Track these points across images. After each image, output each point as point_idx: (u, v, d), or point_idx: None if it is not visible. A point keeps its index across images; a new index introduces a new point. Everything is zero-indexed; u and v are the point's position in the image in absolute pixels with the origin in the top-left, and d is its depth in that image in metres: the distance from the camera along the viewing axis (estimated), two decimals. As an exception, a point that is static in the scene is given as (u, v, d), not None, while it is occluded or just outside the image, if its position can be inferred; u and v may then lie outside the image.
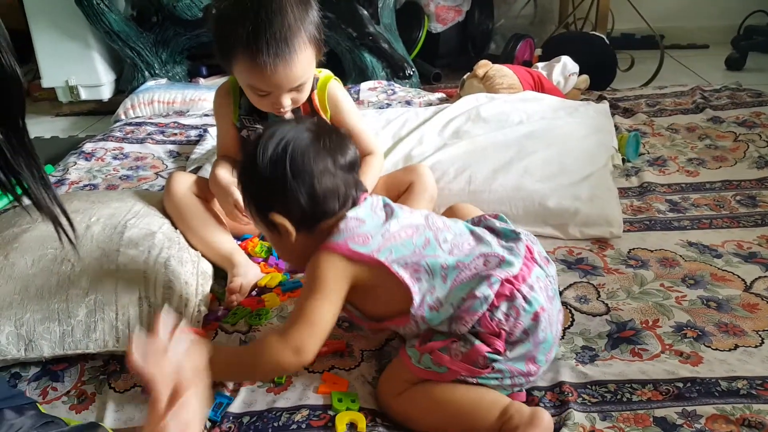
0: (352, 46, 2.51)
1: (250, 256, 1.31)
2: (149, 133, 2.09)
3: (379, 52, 2.50)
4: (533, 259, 0.96)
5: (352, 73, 2.54)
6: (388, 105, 2.14)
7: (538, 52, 2.57)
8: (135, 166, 1.87)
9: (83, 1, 2.48)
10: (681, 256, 1.26)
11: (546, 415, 0.85)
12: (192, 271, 1.20)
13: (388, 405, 0.94)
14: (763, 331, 1.04)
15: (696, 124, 1.86)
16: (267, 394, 0.98)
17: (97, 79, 2.72)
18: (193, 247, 1.28)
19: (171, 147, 1.98)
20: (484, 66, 2.05)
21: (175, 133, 2.09)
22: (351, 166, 0.95)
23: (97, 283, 1.10)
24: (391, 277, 0.90)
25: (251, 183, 0.95)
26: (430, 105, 2.09)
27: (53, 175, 1.82)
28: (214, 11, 1.16)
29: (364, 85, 2.35)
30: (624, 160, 1.66)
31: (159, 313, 0.84)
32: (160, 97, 2.35)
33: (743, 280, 1.18)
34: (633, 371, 0.97)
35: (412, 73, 2.53)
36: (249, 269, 1.24)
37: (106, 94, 2.77)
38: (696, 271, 1.21)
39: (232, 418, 0.94)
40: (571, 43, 2.47)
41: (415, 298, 0.90)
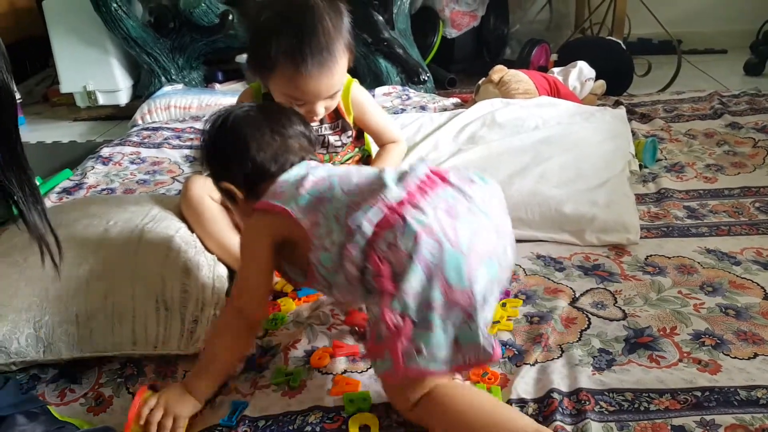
0: (367, 52, 2.52)
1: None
2: (166, 138, 2.11)
3: (394, 57, 2.51)
4: (446, 181, 0.89)
5: (366, 78, 2.55)
6: (403, 110, 2.15)
7: (554, 57, 2.57)
8: (152, 170, 1.89)
9: (102, 8, 2.51)
10: (699, 263, 1.25)
11: None
12: (208, 275, 1.21)
13: (409, 419, 0.91)
14: (783, 339, 1.03)
15: (714, 130, 1.84)
16: (281, 397, 0.98)
17: (114, 84, 2.75)
18: (209, 250, 1.28)
19: (187, 152, 2.00)
20: (499, 71, 2.05)
21: (191, 138, 2.10)
22: (293, 135, 1.02)
23: (114, 287, 1.11)
24: (298, 226, 0.91)
25: (204, 157, 1.08)
26: (445, 110, 2.09)
27: (71, 179, 1.84)
28: (252, 24, 1.17)
29: (379, 90, 2.35)
30: (641, 166, 1.65)
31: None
32: (176, 102, 2.37)
33: (762, 288, 1.16)
34: (650, 379, 0.96)
35: (426, 78, 2.54)
36: None
37: (123, 99, 2.79)
38: (714, 279, 1.20)
39: (247, 422, 0.94)
40: (588, 48, 2.47)
41: (314, 242, 0.89)
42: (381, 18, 2.47)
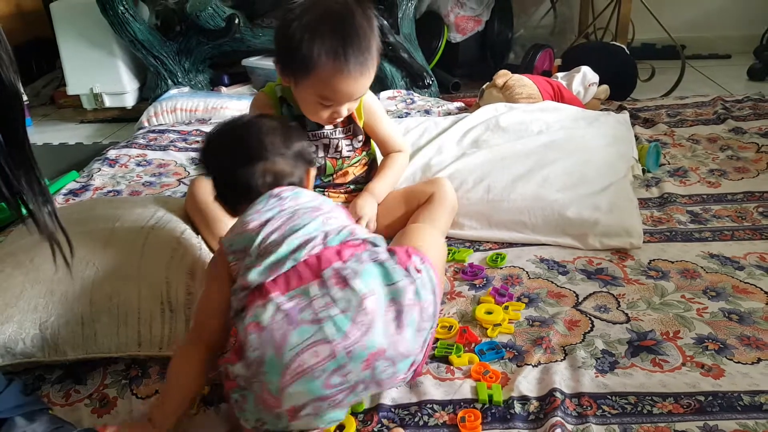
0: (372, 56, 2.52)
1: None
2: (172, 141, 2.12)
3: (399, 61, 2.51)
4: (316, 275, 0.85)
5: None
6: (407, 114, 2.15)
7: (558, 62, 2.57)
8: (158, 172, 1.90)
9: (109, 11, 2.52)
10: (702, 268, 1.25)
11: None
12: (213, 277, 1.21)
13: None
14: (786, 344, 1.03)
15: (717, 135, 1.84)
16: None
17: (121, 86, 2.76)
18: (214, 251, 1.29)
19: (193, 154, 2.01)
20: (503, 76, 2.05)
21: (197, 141, 2.11)
22: (284, 155, 1.05)
23: (120, 288, 1.11)
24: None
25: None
26: (449, 114, 2.10)
27: (78, 181, 1.85)
28: (286, 26, 1.17)
29: (383, 94, 2.36)
30: (644, 171, 1.65)
31: None
32: (182, 105, 2.38)
33: (766, 293, 1.17)
34: (653, 383, 0.97)
35: (431, 82, 2.54)
36: None
37: (129, 101, 2.81)
38: (717, 283, 1.20)
39: None
40: (592, 52, 2.47)
41: (236, 279, 0.92)
42: (386, 22, 2.48)
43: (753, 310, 1.12)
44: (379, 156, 1.47)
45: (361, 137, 1.37)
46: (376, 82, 2.53)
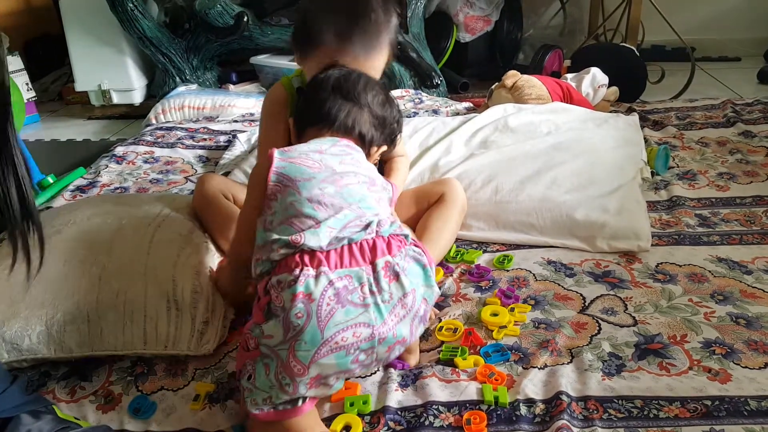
0: (380, 55, 2.52)
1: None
2: (179, 138, 2.12)
3: (407, 60, 2.51)
4: (370, 262, 0.89)
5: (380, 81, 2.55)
6: (416, 114, 2.15)
7: (567, 62, 2.56)
8: (165, 170, 1.90)
9: (117, 7, 2.53)
10: (710, 272, 1.24)
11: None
12: (219, 275, 1.21)
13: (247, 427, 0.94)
14: (795, 350, 1.03)
15: (727, 138, 1.84)
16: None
17: (129, 83, 2.77)
18: (221, 249, 1.29)
19: (200, 152, 2.01)
20: (512, 76, 2.05)
21: (205, 138, 2.12)
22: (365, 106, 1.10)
23: (126, 286, 1.12)
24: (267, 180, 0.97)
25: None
26: (458, 114, 2.09)
27: (85, 178, 1.85)
28: (304, 4, 1.24)
29: (392, 94, 2.36)
30: (653, 173, 1.64)
31: None
32: (190, 102, 2.38)
33: (774, 298, 1.16)
34: (660, 387, 0.96)
35: (439, 82, 2.54)
36: None
37: (137, 98, 2.81)
38: (725, 287, 1.20)
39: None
40: (601, 54, 2.46)
41: (264, 209, 0.96)
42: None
43: (761, 315, 1.11)
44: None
45: None
46: (384, 81, 2.55)
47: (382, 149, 1.16)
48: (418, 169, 1.57)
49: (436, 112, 2.17)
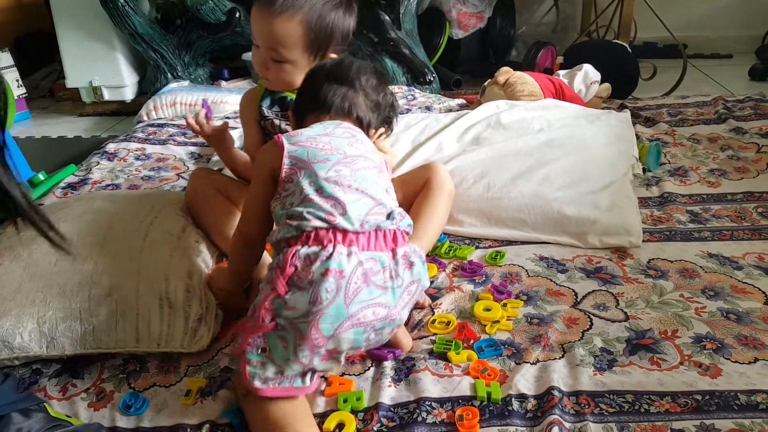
0: (373, 51, 2.52)
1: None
2: (171, 135, 2.12)
3: (400, 57, 2.51)
4: (391, 249, 0.96)
5: (372, 77, 2.55)
6: (408, 110, 2.15)
7: (560, 59, 2.57)
8: (157, 167, 1.89)
9: (108, 3, 2.52)
10: (701, 267, 1.25)
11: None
12: (211, 272, 1.21)
13: (241, 406, 0.97)
14: (785, 344, 1.03)
15: (718, 135, 1.84)
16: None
17: (120, 80, 2.76)
18: (215, 243, 1.29)
19: (192, 149, 2.00)
20: (505, 73, 2.05)
21: (197, 135, 2.10)
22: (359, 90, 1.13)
23: (119, 283, 1.11)
24: (281, 167, 1.00)
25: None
26: (450, 111, 2.09)
27: (76, 175, 1.84)
28: None
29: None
30: (644, 170, 1.65)
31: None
32: (182, 99, 2.37)
33: (764, 293, 1.17)
34: (651, 382, 0.97)
35: (432, 78, 2.54)
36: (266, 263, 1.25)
37: (129, 95, 2.80)
38: (716, 283, 1.20)
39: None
40: (593, 51, 2.47)
41: (280, 191, 1.00)
42: (387, 18, 2.48)
43: (751, 310, 1.12)
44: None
45: None
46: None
47: (381, 133, 1.18)
48: (410, 165, 1.57)
49: (428, 108, 2.17)
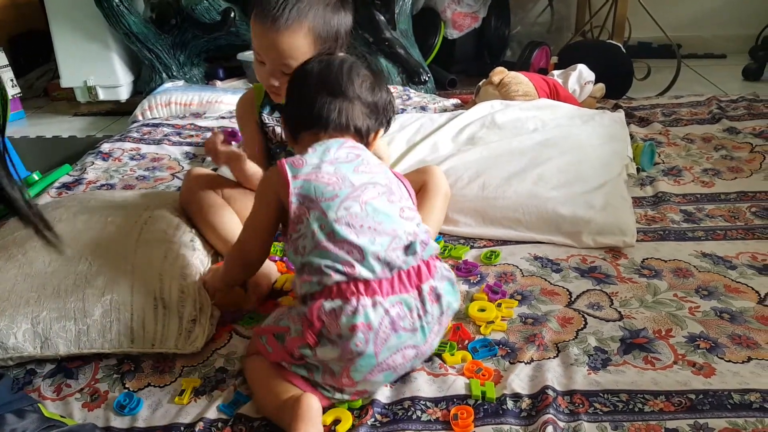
0: (368, 51, 2.52)
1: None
2: (166, 135, 2.11)
3: (395, 57, 2.51)
4: (416, 287, 0.94)
5: (367, 77, 2.55)
6: (403, 110, 2.15)
7: (554, 59, 2.57)
8: (151, 166, 1.89)
9: (103, 3, 2.51)
10: (695, 267, 1.25)
11: (314, 401, 0.90)
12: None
13: (242, 362, 1.04)
14: (777, 343, 1.04)
15: (712, 135, 1.85)
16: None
17: (115, 79, 2.75)
18: (210, 243, 1.29)
19: (187, 148, 2.00)
20: (499, 73, 2.05)
21: (192, 135, 2.11)
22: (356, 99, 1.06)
23: (113, 283, 1.11)
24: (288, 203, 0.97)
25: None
26: (445, 111, 2.09)
27: (71, 174, 1.84)
28: None
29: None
30: (639, 170, 1.65)
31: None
32: (177, 98, 2.37)
33: (757, 293, 1.17)
34: (645, 381, 0.97)
35: (427, 78, 2.54)
36: (266, 266, 1.25)
37: (123, 95, 2.79)
38: (710, 282, 1.21)
39: (244, 420, 0.95)
40: (588, 51, 2.47)
41: (291, 234, 0.97)
42: (383, 18, 2.47)
43: (744, 310, 1.13)
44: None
45: None
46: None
47: (380, 134, 1.14)
48: (405, 165, 1.57)
49: (423, 108, 2.17)
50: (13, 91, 2.71)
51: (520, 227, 1.39)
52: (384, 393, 0.98)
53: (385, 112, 1.13)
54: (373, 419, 0.93)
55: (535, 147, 1.59)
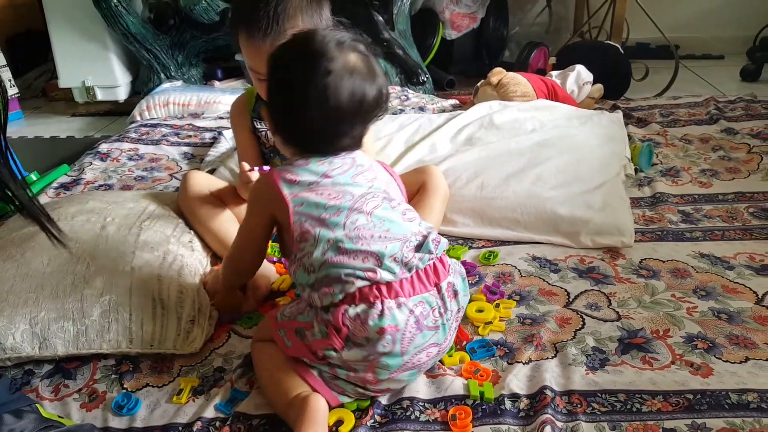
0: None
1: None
2: (164, 135, 2.11)
3: (394, 57, 2.51)
4: (435, 285, 0.94)
5: (366, 78, 2.55)
6: (402, 111, 2.15)
7: (553, 60, 2.57)
8: (150, 167, 1.89)
9: (101, 3, 2.51)
10: (693, 267, 1.26)
11: (321, 402, 0.90)
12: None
13: (251, 346, 1.04)
14: (775, 344, 1.04)
15: (710, 135, 1.85)
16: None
17: (113, 80, 2.75)
18: (208, 245, 1.29)
19: (185, 149, 2.00)
20: (498, 73, 2.05)
21: (190, 135, 2.11)
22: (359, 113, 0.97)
23: (111, 284, 1.11)
24: (290, 224, 0.95)
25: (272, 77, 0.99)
26: (444, 111, 2.10)
27: (69, 175, 1.84)
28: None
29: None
30: (637, 170, 1.65)
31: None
32: (175, 99, 2.37)
33: (755, 293, 1.17)
34: (643, 381, 0.97)
35: (425, 79, 2.54)
36: (264, 267, 1.25)
37: (122, 95, 2.79)
38: (707, 283, 1.21)
39: (242, 418, 0.95)
40: (586, 51, 2.47)
41: (296, 253, 0.96)
42: (381, 18, 2.48)
43: (742, 310, 1.13)
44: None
45: None
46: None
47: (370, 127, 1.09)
48: (403, 166, 1.57)
49: (422, 109, 2.17)
50: (11, 91, 2.70)
51: (519, 227, 1.39)
52: (383, 395, 0.98)
53: (381, 105, 1.03)
54: (372, 420, 0.93)
55: (534, 147, 1.59)
